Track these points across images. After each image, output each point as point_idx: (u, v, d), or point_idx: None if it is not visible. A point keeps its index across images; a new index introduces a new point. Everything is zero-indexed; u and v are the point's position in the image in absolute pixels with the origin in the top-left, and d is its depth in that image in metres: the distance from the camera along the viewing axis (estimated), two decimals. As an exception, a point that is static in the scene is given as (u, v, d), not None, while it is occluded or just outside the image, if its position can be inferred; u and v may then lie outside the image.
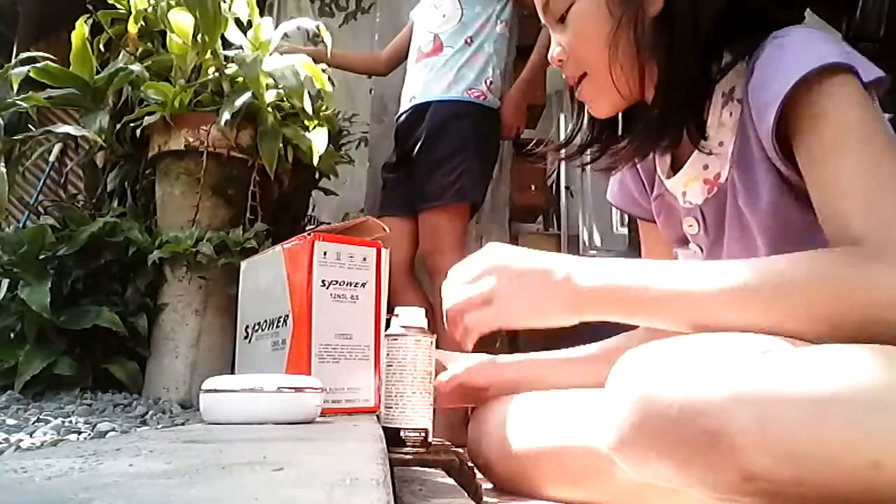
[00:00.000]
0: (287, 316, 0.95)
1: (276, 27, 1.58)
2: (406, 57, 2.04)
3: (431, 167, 1.80)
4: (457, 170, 1.78)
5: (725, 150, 0.75)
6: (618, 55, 0.76)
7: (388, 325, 0.95)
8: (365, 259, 0.96)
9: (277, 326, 0.98)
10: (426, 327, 0.86)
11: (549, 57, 0.83)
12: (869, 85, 0.67)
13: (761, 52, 0.70)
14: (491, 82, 1.87)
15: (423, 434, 0.82)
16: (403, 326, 0.86)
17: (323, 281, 0.93)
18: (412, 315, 0.86)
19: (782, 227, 0.72)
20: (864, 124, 0.64)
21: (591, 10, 0.77)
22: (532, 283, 0.70)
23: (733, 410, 0.50)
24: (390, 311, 0.94)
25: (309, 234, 0.94)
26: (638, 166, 0.93)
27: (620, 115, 0.87)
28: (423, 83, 1.88)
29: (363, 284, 0.96)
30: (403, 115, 1.93)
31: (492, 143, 1.90)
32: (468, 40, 1.87)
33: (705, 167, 0.79)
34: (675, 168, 0.84)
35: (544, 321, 0.70)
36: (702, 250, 0.85)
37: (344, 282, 0.94)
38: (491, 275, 0.72)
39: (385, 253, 0.99)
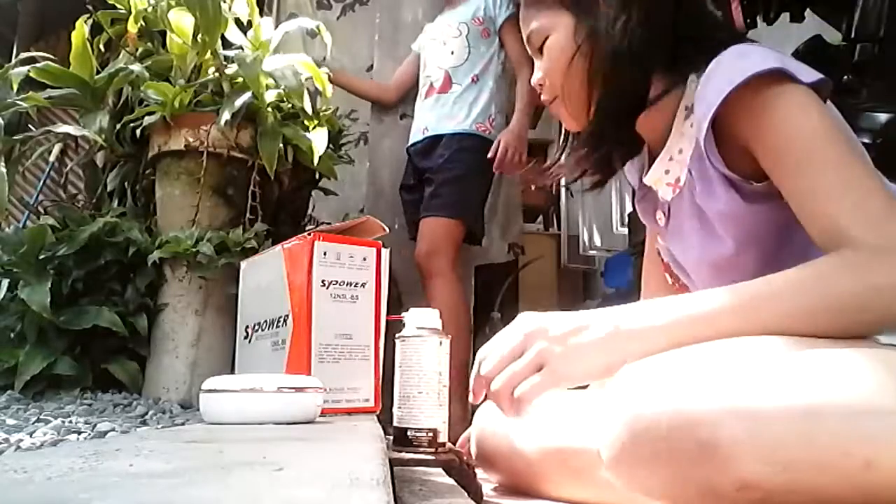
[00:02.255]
0: (287, 316, 0.95)
1: (276, 20, 1.58)
2: (412, 84, 2.26)
3: (440, 185, 2.01)
4: (460, 192, 2.00)
5: (685, 157, 0.80)
6: (570, 78, 0.84)
7: (387, 326, 0.94)
8: (365, 259, 0.96)
9: (277, 326, 0.98)
10: (440, 328, 0.86)
11: (532, 81, 0.92)
12: (816, 87, 0.69)
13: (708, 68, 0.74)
14: (493, 119, 2.07)
15: (430, 434, 0.82)
16: (418, 327, 0.85)
17: (323, 281, 0.93)
18: (425, 316, 0.86)
19: (742, 222, 0.76)
20: (825, 127, 0.66)
21: (562, 42, 0.86)
22: (583, 339, 0.66)
23: (723, 421, 0.51)
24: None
25: (309, 235, 0.94)
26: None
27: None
28: (437, 117, 2.08)
29: (363, 284, 0.96)
30: (419, 144, 2.11)
31: (490, 172, 2.10)
32: (475, 78, 2.07)
33: (667, 172, 0.84)
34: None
35: (603, 375, 0.66)
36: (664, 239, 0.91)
37: (344, 282, 0.94)
38: (534, 341, 0.67)
39: (385, 253, 0.99)
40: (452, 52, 2.09)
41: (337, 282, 0.94)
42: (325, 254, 0.93)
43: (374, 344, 0.96)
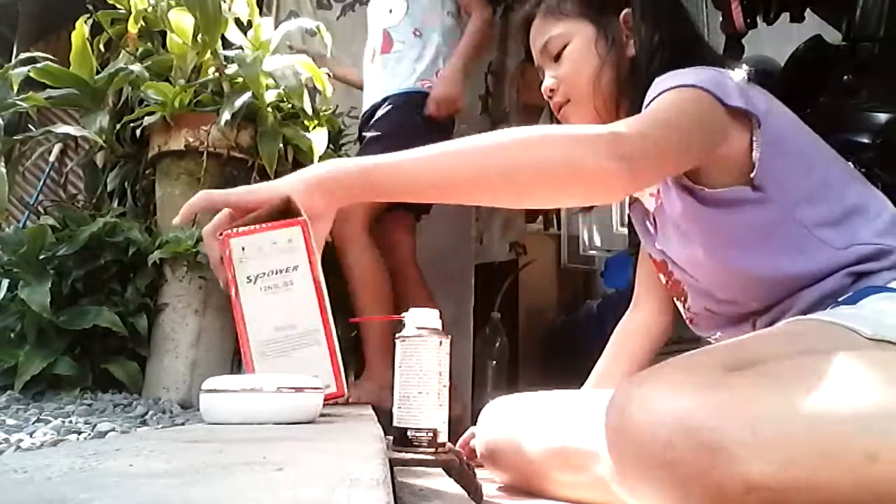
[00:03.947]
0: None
1: (275, 19, 1.58)
2: None
3: (361, 150, 1.85)
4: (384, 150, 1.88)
5: None
6: (601, 87, 0.92)
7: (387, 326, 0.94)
8: (290, 241, 0.85)
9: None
10: (440, 328, 0.86)
11: (542, 88, 0.99)
12: (748, 114, 0.77)
13: None
14: (440, 73, 1.89)
15: (430, 434, 0.82)
16: (418, 328, 0.85)
17: (248, 277, 0.85)
18: (425, 316, 0.86)
19: (703, 226, 0.83)
20: (681, 103, 0.75)
21: (583, 49, 0.94)
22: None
23: (726, 423, 0.51)
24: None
25: (220, 236, 0.87)
26: None
27: None
28: (384, 78, 1.92)
29: (295, 268, 0.86)
30: (366, 113, 1.97)
31: (429, 131, 1.77)
32: (416, 32, 1.91)
33: None
34: None
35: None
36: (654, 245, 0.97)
37: (272, 271, 0.87)
38: None
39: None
40: (391, 11, 1.95)
41: (264, 273, 0.87)
42: (243, 249, 0.85)
43: (322, 326, 0.88)
